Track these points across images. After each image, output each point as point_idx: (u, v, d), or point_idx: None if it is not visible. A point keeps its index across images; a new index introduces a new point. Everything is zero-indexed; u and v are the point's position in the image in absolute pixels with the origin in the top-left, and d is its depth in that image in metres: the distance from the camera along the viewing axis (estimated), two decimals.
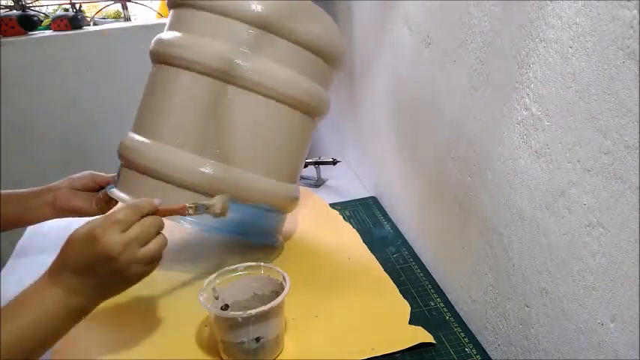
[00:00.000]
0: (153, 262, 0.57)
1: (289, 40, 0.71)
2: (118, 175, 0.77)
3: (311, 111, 0.76)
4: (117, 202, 0.77)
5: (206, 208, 0.62)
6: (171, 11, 0.76)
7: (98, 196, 0.78)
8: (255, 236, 0.76)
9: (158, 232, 0.57)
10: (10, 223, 0.77)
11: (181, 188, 0.70)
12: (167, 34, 0.74)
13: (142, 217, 0.56)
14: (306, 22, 0.72)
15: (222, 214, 0.64)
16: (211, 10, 0.70)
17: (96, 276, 0.54)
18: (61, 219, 0.80)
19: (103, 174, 0.80)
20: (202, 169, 0.69)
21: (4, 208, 0.74)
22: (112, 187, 0.76)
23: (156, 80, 0.75)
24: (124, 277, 0.55)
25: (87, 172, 0.79)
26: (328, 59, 0.76)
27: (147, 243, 0.56)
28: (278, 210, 0.78)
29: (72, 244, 0.55)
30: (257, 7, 0.68)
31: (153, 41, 0.75)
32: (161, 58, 0.73)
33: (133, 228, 0.55)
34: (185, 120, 0.71)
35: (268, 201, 0.75)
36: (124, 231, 0.54)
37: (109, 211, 0.67)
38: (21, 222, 0.79)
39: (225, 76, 0.69)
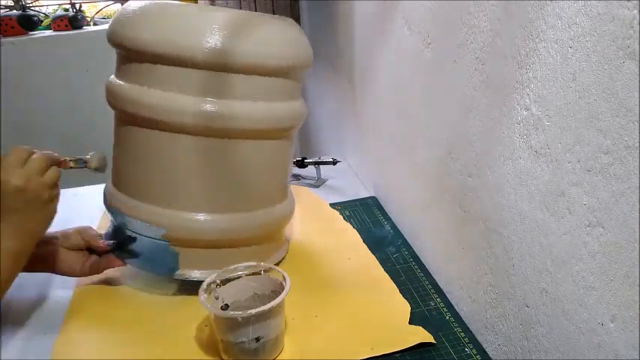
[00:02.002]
0: (57, 186, 0.65)
1: (250, 74, 0.65)
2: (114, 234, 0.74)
3: (291, 130, 0.74)
4: (108, 265, 0.73)
5: (85, 163, 0.70)
6: (120, 58, 0.71)
7: (91, 260, 0.74)
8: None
9: (51, 163, 0.65)
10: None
11: (184, 248, 0.70)
12: (126, 88, 0.68)
13: (52, 165, 0.65)
14: (259, 46, 0.65)
15: (100, 168, 0.71)
16: (163, 62, 0.64)
17: (15, 213, 0.61)
18: (58, 216, 0.79)
19: (90, 229, 0.75)
20: (191, 224, 0.68)
21: None
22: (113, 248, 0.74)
23: (130, 140, 0.71)
24: (40, 203, 0.63)
25: (74, 231, 0.74)
26: (294, 74, 0.71)
27: (45, 172, 0.63)
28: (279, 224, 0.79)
29: None
30: (206, 49, 0.62)
31: (109, 91, 0.71)
32: (129, 117, 0.68)
33: (29, 162, 0.62)
34: (174, 180, 0.68)
35: (276, 227, 0.76)
36: (20, 167, 0.61)
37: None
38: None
39: (201, 130, 0.65)
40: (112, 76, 0.72)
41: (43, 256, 0.71)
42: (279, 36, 0.69)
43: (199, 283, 0.63)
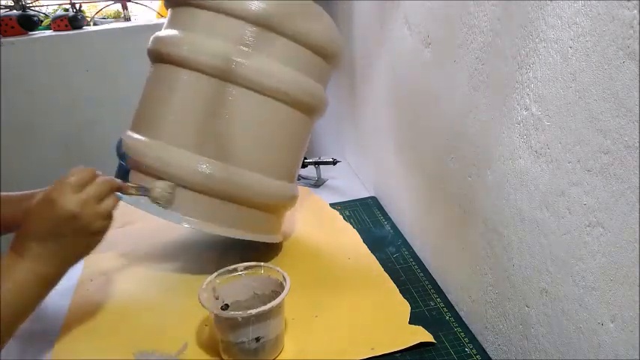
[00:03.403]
0: (110, 216, 0.61)
1: (289, 39, 0.71)
2: (121, 176, 0.76)
3: (310, 110, 0.76)
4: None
5: (147, 191, 0.67)
6: (170, 10, 0.76)
7: None
8: None
9: (111, 191, 0.61)
10: (9, 225, 0.77)
11: (182, 188, 0.70)
12: (165, 32, 0.73)
13: (92, 179, 0.60)
14: (306, 20, 0.72)
15: (162, 199, 0.67)
16: (211, 9, 0.69)
17: (61, 238, 0.57)
18: None
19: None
20: (201, 168, 0.69)
21: (4, 209, 0.74)
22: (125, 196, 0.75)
23: (154, 78, 0.75)
24: (88, 233, 0.59)
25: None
26: (327, 58, 0.76)
27: (102, 200, 0.60)
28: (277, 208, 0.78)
29: (32, 213, 0.57)
30: (257, 6, 0.68)
31: (151, 39, 0.75)
32: (159, 56, 0.73)
33: (88, 187, 0.59)
34: (184, 118, 0.71)
35: (268, 200, 0.75)
36: (79, 192, 0.58)
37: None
38: (19, 225, 0.78)
39: (224, 75, 0.69)
40: (159, 32, 0.75)
41: None
42: (330, 23, 0.76)
43: (195, 280, 0.63)
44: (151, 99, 0.75)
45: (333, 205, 1.00)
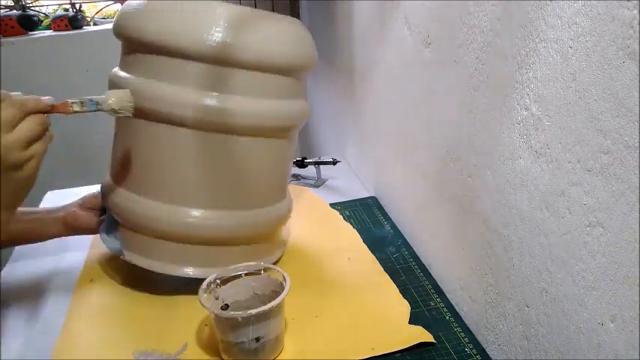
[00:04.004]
0: (30, 144, 0.53)
1: (253, 69, 0.65)
2: (107, 222, 0.75)
3: (292, 130, 0.74)
4: None
5: (97, 104, 0.56)
6: (124, 50, 0.71)
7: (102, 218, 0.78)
8: None
9: (25, 114, 0.53)
10: (24, 238, 0.78)
11: (173, 242, 0.69)
12: (128, 79, 0.67)
13: (27, 115, 0.53)
14: (265, 43, 0.65)
15: (125, 110, 0.59)
16: (167, 54, 0.63)
17: None
18: None
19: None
20: (189, 220, 0.68)
21: (20, 224, 0.75)
22: (103, 233, 0.75)
23: (128, 131, 0.70)
24: (6, 169, 0.52)
25: (90, 194, 0.80)
26: (298, 72, 0.71)
27: (13, 127, 0.52)
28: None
29: None
30: (210, 44, 0.62)
31: (112, 82, 0.70)
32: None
33: (19, 127, 0.51)
34: (166, 172, 0.68)
35: (267, 229, 0.75)
36: (9, 132, 0.51)
37: None
38: (35, 238, 0.80)
39: (200, 123, 0.65)
40: (116, 68, 0.71)
41: (63, 219, 0.77)
42: (284, 34, 0.68)
43: (195, 280, 0.63)
44: (125, 151, 0.70)
45: (333, 205, 1.00)
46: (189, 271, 0.71)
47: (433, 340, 0.63)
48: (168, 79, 0.64)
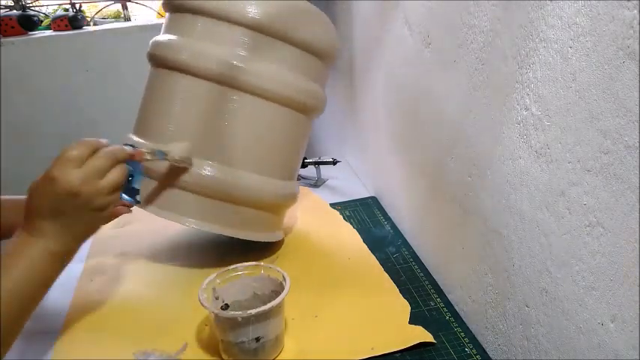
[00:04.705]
0: (115, 191, 0.59)
1: (286, 42, 0.71)
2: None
3: (309, 110, 0.77)
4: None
5: (164, 154, 0.65)
6: (168, 14, 0.76)
7: None
8: None
9: (115, 163, 0.59)
10: (10, 229, 0.77)
11: (183, 191, 0.71)
12: (165, 37, 0.74)
13: (115, 164, 0.59)
14: (302, 23, 0.73)
15: (184, 162, 0.67)
16: (210, 15, 0.70)
17: (64, 215, 0.56)
18: None
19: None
20: (203, 172, 0.70)
21: (5, 214, 0.74)
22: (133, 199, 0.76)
23: (155, 83, 0.75)
24: (91, 210, 0.57)
25: None
26: (324, 58, 0.77)
27: (105, 174, 0.58)
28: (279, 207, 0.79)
29: (33, 191, 0.57)
30: (254, 12, 0.69)
31: (151, 43, 0.75)
32: (160, 61, 0.73)
33: (90, 161, 0.57)
34: (185, 123, 0.71)
35: (270, 200, 0.76)
36: (79, 167, 0.56)
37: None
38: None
39: (224, 80, 0.69)
40: (158, 36, 0.75)
41: None
42: (324, 20, 0.76)
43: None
44: (152, 103, 0.75)
45: (333, 205, 1.00)
46: (192, 222, 0.72)
47: (433, 340, 0.63)
48: (210, 38, 0.70)
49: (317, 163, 1.10)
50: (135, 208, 0.69)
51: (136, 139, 0.74)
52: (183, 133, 0.71)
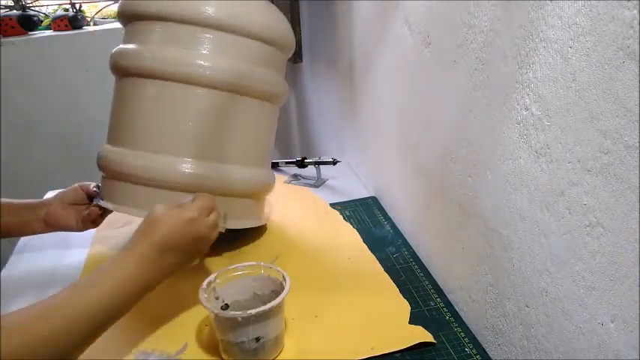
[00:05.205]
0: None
1: (244, 36, 0.74)
2: (101, 187, 0.80)
3: (274, 98, 0.82)
4: (99, 221, 0.82)
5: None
6: (125, 27, 0.79)
7: (83, 215, 0.80)
8: None
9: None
10: (4, 232, 0.78)
11: (163, 189, 0.73)
12: (125, 47, 0.76)
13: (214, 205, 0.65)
14: (256, 15, 0.76)
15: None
16: (166, 19, 0.73)
17: (185, 253, 0.61)
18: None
19: (88, 183, 0.82)
20: (181, 168, 0.72)
21: (7, 217, 0.76)
22: (99, 199, 0.79)
23: (121, 92, 0.78)
24: (205, 251, 0.64)
25: (75, 185, 0.82)
26: (282, 48, 0.81)
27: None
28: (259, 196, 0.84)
29: (166, 224, 0.59)
30: (210, 11, 0.72)
31: (113, 55, 0.78)
32: (123, 70, 0.76)
33: (215, 212, 0.65)
34: (157, 125, 0.74)
35: (247, 187, 0.79)
36: (208, 215, 0.63)
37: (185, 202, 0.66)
38: (15, 233, 0.81)
39: (189, 79, 0.72)
40: (120, 45, 0.78)
41: (44, 218, 0.78)
42: (271, 10, 0.80)
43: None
44: (122, 112, 0.77)
45: (333, 205, 1.00)
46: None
47: (433, 340, 0.63)
48: (170, 42, 0.73)
49: (317, 163, 1.10)
50: None
51: (112, 148, 0.76)
52: (156, 135, 0.73)
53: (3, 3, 1.82)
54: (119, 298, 0.55)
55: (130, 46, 0.75)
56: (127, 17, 0.77)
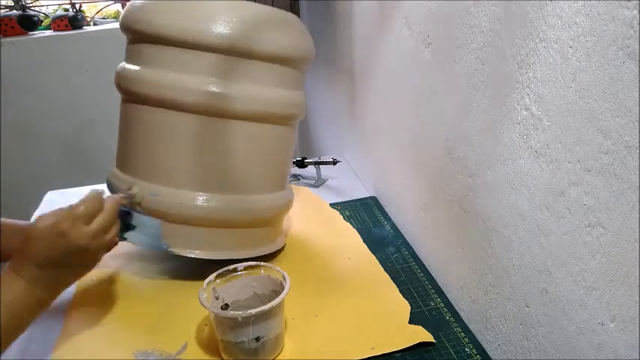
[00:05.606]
0: (113, 245, 0.65)
1: (259, 59, 0.69)
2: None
3: (293, 119, 0.77)
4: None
5: (132, 197, 0.69)
6: (130, 45, 0.73)
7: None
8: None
9: (115, 217, 0.63)
10: (9, 253, 0.76)
11: (181, 225, 0.71)
12: (133, 69, 0.71)
13: (102, 208, 0.61)
14: (272, 35, 0.69)
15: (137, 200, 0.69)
16: (177, 45, 0.67)
17: (67, 267, 0.59)
18: None
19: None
20: (198, 202, 0.70)
21: (6, 238, 0.73)
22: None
23: (133, 118, 0.73)
24: (91, 263, 0.62)
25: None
26: (299, 65, 0.75)
27: (109, 230, 0.62)
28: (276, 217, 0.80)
29: (38, 239, 0.57)
30: (221, 34, 0.66)
31: (118, 75, 0.73)
32: (135, 97, 0.71)
33: (97, 219, 0.60)
34: (173, 158, 0.70)
35: (267, 215, 0.76)
36: (88, 223, 0.59)
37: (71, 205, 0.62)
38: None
39: (207, 109, 0.68)
40: (123, 63, 0.74)
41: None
42: (288, 27, 0.73)
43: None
44: (134, 140, 0.73)
45: (333, 205, 1.00)
46: (187, 252, 0.73)
47: (433, 340, 0.63)
48: (175, 68, 0.68)
49: (317, 163, 1.10)
50: None
51: (122, 175, 0.73)
52: (171, 168, 0.70)
53: (3, 3, 1.82)
54: (10, 317, 0.55)
55: (140, 70, 0.70)
56: (130, 32, 0.72)
